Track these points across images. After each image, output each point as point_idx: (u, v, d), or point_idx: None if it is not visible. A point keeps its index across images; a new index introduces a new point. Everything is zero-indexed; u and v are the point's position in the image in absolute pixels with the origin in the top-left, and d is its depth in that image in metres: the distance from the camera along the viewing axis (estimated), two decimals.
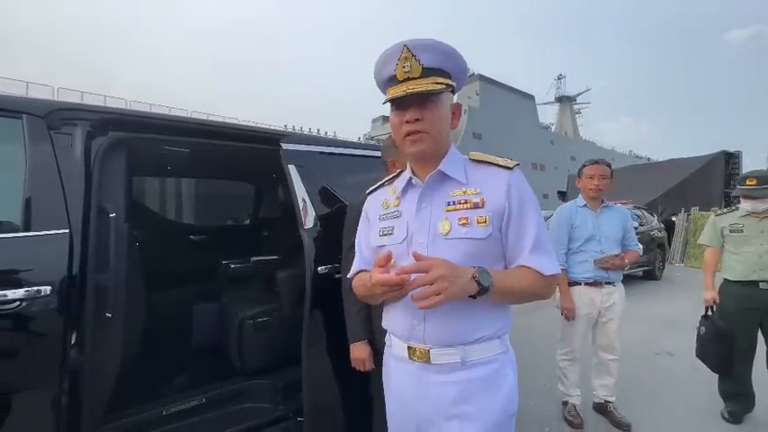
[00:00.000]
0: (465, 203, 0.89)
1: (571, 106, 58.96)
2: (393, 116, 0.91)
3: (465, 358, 0.87)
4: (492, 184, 0.90)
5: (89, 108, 1.46)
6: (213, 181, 3.33)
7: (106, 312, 1.43)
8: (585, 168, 2.38)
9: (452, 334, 0.88)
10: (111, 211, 1.46)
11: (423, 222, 0.92)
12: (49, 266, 1.24)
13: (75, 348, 1.29)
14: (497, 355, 0.91)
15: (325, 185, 1.78)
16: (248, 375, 1.97)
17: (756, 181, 2.18)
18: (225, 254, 2.83)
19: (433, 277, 0.76)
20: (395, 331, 0.98)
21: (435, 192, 0.93)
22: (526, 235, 0.88)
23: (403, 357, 0.94)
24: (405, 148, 0.92)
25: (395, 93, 0.86)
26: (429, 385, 0.90)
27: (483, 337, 0.88)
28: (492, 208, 0.87)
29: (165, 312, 2.44)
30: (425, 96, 0.86)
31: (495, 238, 0.88)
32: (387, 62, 0.89)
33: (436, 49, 0.86)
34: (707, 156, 12.56)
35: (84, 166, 1.37)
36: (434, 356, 0.89)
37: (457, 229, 0.87)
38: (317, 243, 1.64)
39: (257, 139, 1.87)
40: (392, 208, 1.01)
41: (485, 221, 0.87)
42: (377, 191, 1.12)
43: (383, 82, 0.93)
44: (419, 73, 0.85)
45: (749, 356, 2.31)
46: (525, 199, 0.90)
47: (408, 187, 0.99)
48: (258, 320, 2.06)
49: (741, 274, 2.26)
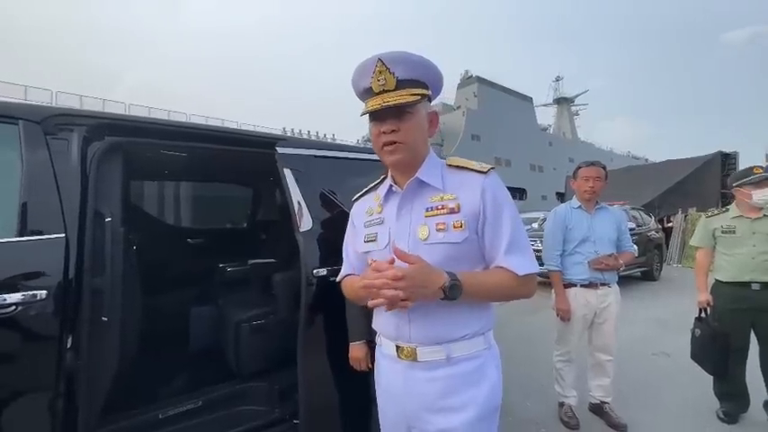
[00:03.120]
0: (442, 209, 0.92)
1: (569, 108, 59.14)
2: (371, 127, 0.95)
3: (449, 355, 0.91)
4: (467, 189, 0.93)
5: (85, 113, 1.48)
6: (210, 184, 3.35)
7: (102, 316, 1.44)
8: (580, 170, 2.40)
9: (436, 333, 0.91)
10: (108, 215, 1.48)
11: (403, 228, 0.96)
12: (45, 270, 1.25)
13: (71, 352, 1.30)
14: (481, 351, 0.94)
15: (320, 189, 1.80)
16: (244, 378, 1.98)
17: (762, 169, 2.21)
18: (222, 257, 2.84)
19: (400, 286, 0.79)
20: (383, 331, 1.02)
21: (414, 198, 0.97)
22: (501, 236, 0.91)
23: (392, 356, 0.98)
24: (383, 158, 0.96)
25: (372, 105, 0.89)
26: (416, 382, 0.93)
27: (467, 334, 0.92)
28: (467, 212, 0.91)
29: (162, 315, 2.45)
30: (401, 108, 0.89)
31: (472, 241, 0.91)
32: (362, 75, 0.92)
33: (409, 61, 0.89)
34: (704, 156, 12.61)
35: (80, 170, 1.38)
36: (420, 354, 0.92)
37: (435, 235, 0.91)
38: (312, 246, 1.65)
39: (253, 143, 1.88)
40: (375, 215, 1.04)
41: (461, 226, 0.90)
42: (362, 197, 1.16)
43: (360, 93, 0.96)
44: (394, 85, 0.88)
45: (743, 357, 2.33)
46: (499, 201, 0.92)
47: (389, 194, 1.02)
48: (254, 323, 2.06)
49: (733, 276, 2.28)
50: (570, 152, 49.64)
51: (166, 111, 26.65)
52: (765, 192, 2.18)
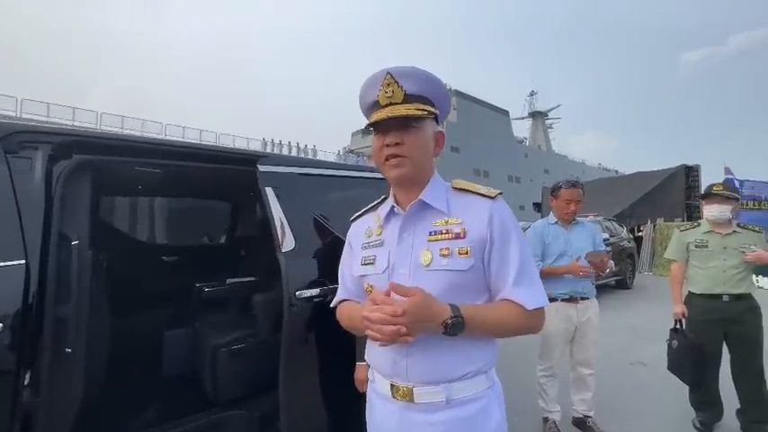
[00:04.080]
0: (446, 233, 0.87)
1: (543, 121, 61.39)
2: (375, 139, 0.91)
3: (450, 397, 0.84)
4: (474, 214, 0.88)
5: (51, 130, 1.40)
6: (187, 200, 3.23)
7: (66, 347, 1.33)
8: (562, 191, 2.43)
9: (436, 371, 0.84)
10: (74, 237, 1.39)
11: (404, 252, 0.90)
12: (1, 300, 1.15)
13: (28, 389, 1.20)
14: (484, 391, 0.87)
15: (303, 207, 1.76)
16: (223, 406, 1.88)
17: (722, 186, 2.39)
18: (199, 276, 2.72)
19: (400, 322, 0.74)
20: (377, 367, 0.94)
21: (417, 221, 0.92)
22: (509, 266, 0.86)
23: (386, 396, 0.90)
24: (385, 172, 0.91)
25: (377, 116, 0.86)
26: (412, 426, 0.86)
27: (468, 373, 0.85)
28: (473, 238, 0.85)
29: (133, 341, 2.31)
30: (407, 121, 0.86)
31: (478, 270, 0.86)
32: (370, 88, 0.89)
33: (418, 76, 0.87)
34: (669, 169, 13.31)
35: (44, 191, 1.30)
36: (418, 395, 0.85)
37: (438, 260, 0.85)
38: (295, 267, 1.60)
39: (233, 160, 1.83)
40: (375, 236, 0.98)
41: (466, 253, 0.84)
42: (361, 217, 1.10)
43: (367, 107, 0.93)
44: (401, 98, 0.86)
45: (716, 367, 2.41)
46: (508, 229, 0.87)
47: (391, 215, 0.97)
48: (233, 347, 1.97)
49: (705, 288, 2.37)
50: (545, 164, 51.37)
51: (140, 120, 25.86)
52: (712, 208, 2.35)
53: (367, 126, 0.90)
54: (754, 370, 2.30)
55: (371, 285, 0.94)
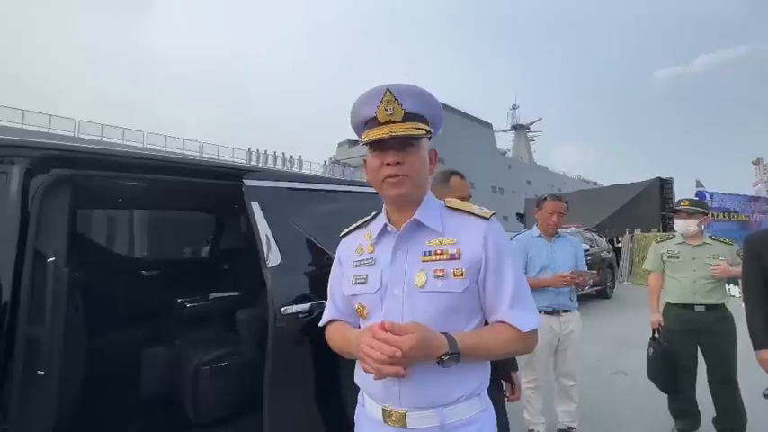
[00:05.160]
0: (441, 254, 0.86)
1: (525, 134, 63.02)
2: (372, 158, 0.89)
3: (443, 421, 0.82)
4: (468, 235, 0.87)
5: (29, 144, 1.36)
6: (169, 213, 3.16)
7: (38, 369, 1.27)
8: (547, 203, 2.51)
9: (430, 395, 0.83)
10: (50, 254, 1.34)
11: (398, 273, 0.88)
12: None
13: None
14: (477, 414, 0.86)
15: (289, 222, 1.75)
16: (204, 427, 1.82)
17: (689, 202, 2.51)
18: (180, 291, 2.65)
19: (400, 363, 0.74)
20: (367, 390, 0.92)
21: (411, 240, 0.90)
22: (504, 288, 0.86)
23: (378, 420, 0.88)
24: (384, 191, 0.90)
25: (378, 134, 0.84)
26: None
27: (462, 396, 0.84)
28: (468, 259, 0.85)
29: (111, 360, 2.22)
30: (406, 140, 0.85)
31: (473, 291, 0.86)
32: (368, 104, 0.88)
33: (418, 96, 0.87)
34: (645, 182, 13.85)
35: (20, 206, 1.25)
36: (411, 420, 0.83)
37: (433, 282, 0.84)
38: (280, 282, 1.58)
39: (218, 174, 1.81)
40: (366, 254, 0.96)
41: (461, 274, 0.84)
42: (351, 234, 1.07)
43: (359, 123, 0.91)
44: (401, 117, 0.85)
45: (692, 376, 2.49)
46: (502, 251, 0.87)
47: (383, 234, 0.95)
48: (216, 365, 1.92)
49: (679, 297, 2.47)
50: (528, 175, 52.57)
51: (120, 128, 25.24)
52: (680, 222, 2.49)
53: (365, 143, 0.88)
54: (728, 379, 2.38)
55: (363, 305, 0.93)
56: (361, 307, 0.93)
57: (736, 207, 11.38)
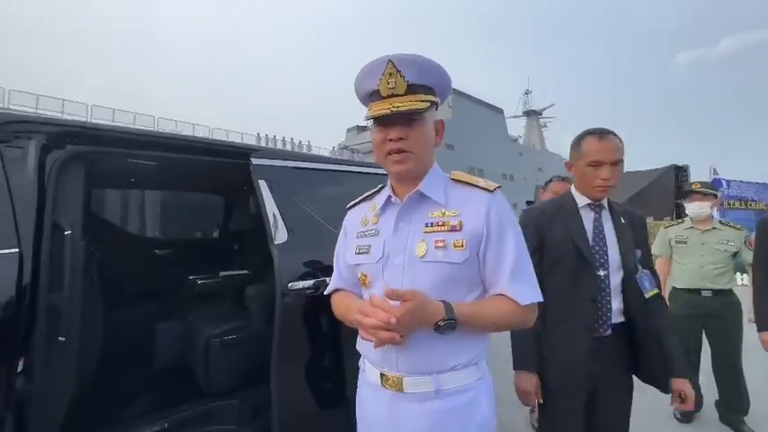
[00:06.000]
0: (442, 226, 0.86)
1: (538, 120, 61.80)
2: (376, 133, 0.88)
3: (439, 387, 0.84)
4: (471, 207, 0.87)
5: (45, 120, 1.40)
6: (180, 194, 3.23)
7: (59, 335, 1.35)
8: (552, 184, 2.52)
9: (426, 362, 0.84)
10: (67, 228, 1.39)
11: (399, 243, 0.89)
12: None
13: (21, 376, 1.21)
14: (473, 383, 0.87)
15: (296, 200, 1.78)
16: (214, 396, 1.90)
17: (700, 185, 2.48)
18: (191, 268, 2.73)
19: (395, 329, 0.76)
20: (368, 356, 0.95)
21: (414, 212, 0.91)
22: (504, 260, 0.85)
23: (376, 384, 0.91)
24: (387, 167, 0.90)
25: (379, 110, 0.83)
26: (403, 415, 0.87)
27: (458, 364, 0.85)
28: (470, 231, 0.85)
29: (126, 331, 2.32)
30: (410, 115, 0.84)
31: (473, 263, 0.86)
32: (370, 76, 0.86)
33: (421, 66, 0.84)
34: (660, 169, 13.51)
35: (37, 181, 1.30)
36: (407, 385, 0.85)
37: (433, 252, 0.85)
38: (287, 259, 1.62)
39: (226, 153, 1.84)
40: (370, 225, 0.97)
41: (462, 245, 0.84)
42: (357, 206, 1.08)
43: (364, 95, 0.90)
44: (404, 90, 0.82)
45: (696, 360, 2.49)
46: (505, 223, 0.86)
47: (387, 205, 0.96)
48: (226, 338, 1.99)
49: (686, 283, 2.45)
50: (539, 162, 51.75)
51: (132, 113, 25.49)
52: (693, 205, 2.44)
53: (368, 119, 0.87)
54: (732, 364, 2.38)
55: (365, 274, 0.95)
56: (364, 276, 0.96)
57: (754, 195, 11.07)
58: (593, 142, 1.29)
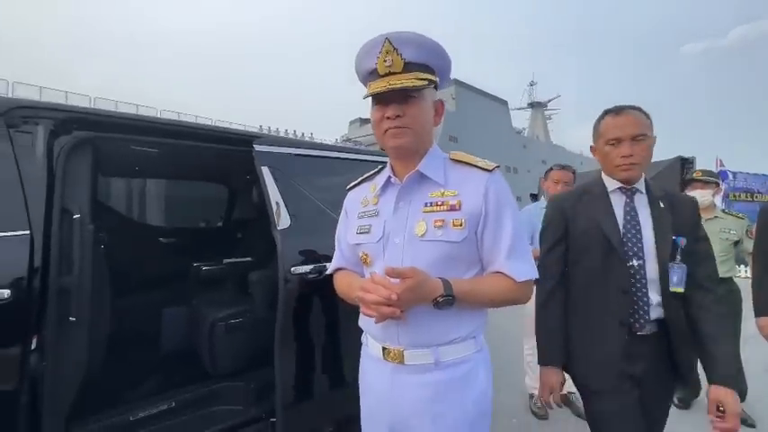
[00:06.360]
0: (442, 205, 0.88)
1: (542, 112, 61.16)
2: (374, 111, 0.89)
3: (438, 359, 0.87)
4: (470, 186, 0.88)
5: (52, 106, 1.42)
6: (183, 181, 3.26)
7: (70, 316, 1.39)
8: (552, 172, 2.52)
9: (426, 335, 0.87)
10: (76, 212, 1.43)
11: (399, 222, 0.91)
12: (8, 269, 1.20)
13: (35, 354, 1.26)
14: (471, 355, 0.90)
15: (298, 187, 1.80)
16: (219, 378, 1.96)
17: (702, 173, 2.51)
18: (196, 256, 2.78)
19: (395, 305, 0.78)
20: (369, 331, 0.98)
21: (413, 192, 0.92)
22: (502, 239, 0.87)
23: (378, 357, 0.94)
24: (385, 142, 0.91)
25: (376, 88, 0.84)
26: (404, 386, 0.90)
27: (457, 338, 0.88)
28: (468, 210, 0.86)
29: (134, 316, 2.38)
30: (407, 92, 0.85)
31: (471, 241, 0.88)
32: (368, 55, 0.87)
33: (419, 44, 0.85)
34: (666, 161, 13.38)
35: (46, 165, 1.33)
36: (408, 357, 0.88)
37: (432, 231, 0.87)
38: (290, 244, 1.65)
39: (229, 140, 1.86)
40: (371, 206, 0.99)
41: (460, 224, 0.86)
42: (358, 186, 1.10)
43: (364, 75, 0.91)
44: (401, 68, 0.83)
45: None
46: (502, 203, 0.88)
47: (387, 185, 0.98)
48: (230, 322, 2.04)
49: None
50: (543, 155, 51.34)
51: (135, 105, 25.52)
52: (695, 193, 2.41)
53: (366, 97, 0.89)
54: None
55: (366, 254, 0.97)
56: (365, 255, 0.98)
57: (761, 187, 10.95)
58: (609, 120, 1.21)
